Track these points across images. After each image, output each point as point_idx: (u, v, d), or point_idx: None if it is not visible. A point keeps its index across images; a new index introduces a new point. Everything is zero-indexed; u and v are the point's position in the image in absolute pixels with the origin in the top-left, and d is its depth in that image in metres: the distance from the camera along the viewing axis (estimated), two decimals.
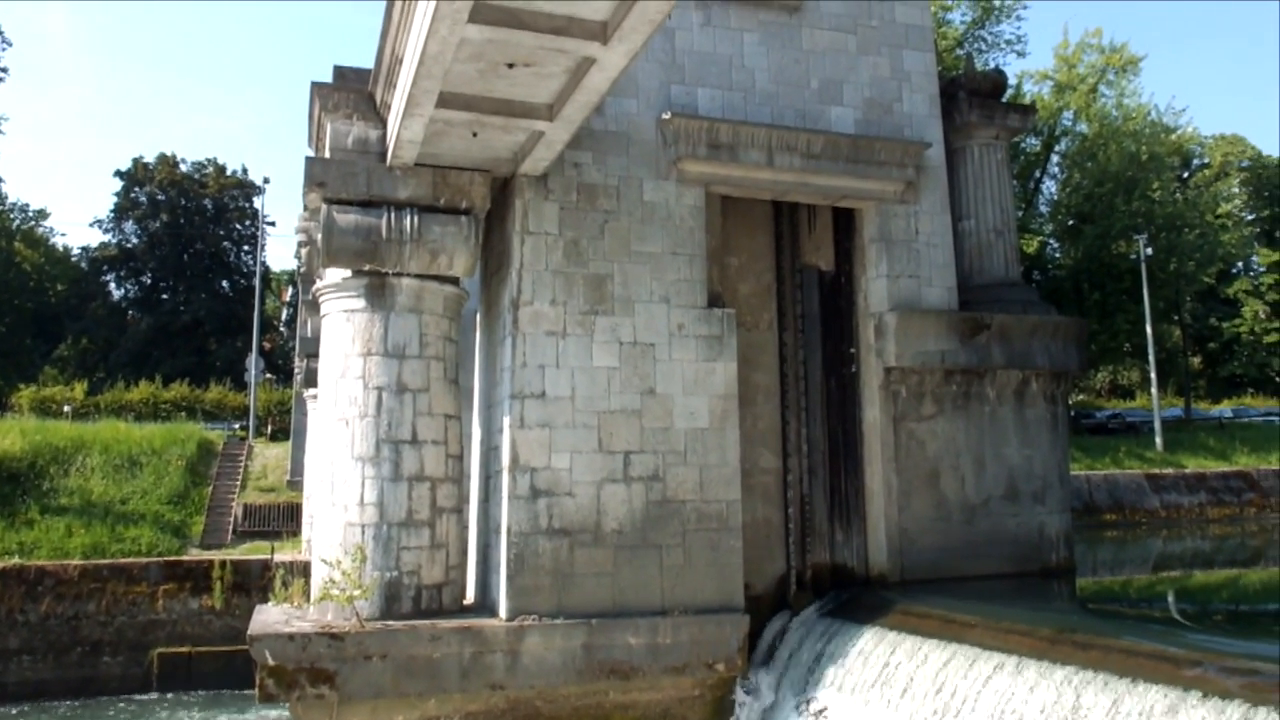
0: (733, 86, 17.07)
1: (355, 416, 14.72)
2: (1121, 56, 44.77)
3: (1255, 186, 65.96)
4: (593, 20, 10.80)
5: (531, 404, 14.84)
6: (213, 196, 68.76)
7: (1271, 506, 37.50)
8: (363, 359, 14.85)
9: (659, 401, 15.49)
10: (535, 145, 14.18)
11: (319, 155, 16.19)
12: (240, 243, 69.90)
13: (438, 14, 10.09)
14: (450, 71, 11.73)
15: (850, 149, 17.28)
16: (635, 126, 16.21)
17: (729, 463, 15.76)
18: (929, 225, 18.04)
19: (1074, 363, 18.92)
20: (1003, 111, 20.12)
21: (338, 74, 16.50)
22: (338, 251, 14.61)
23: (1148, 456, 40.69)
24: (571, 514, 14.75)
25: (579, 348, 15.22)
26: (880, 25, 18.38)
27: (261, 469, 35.89)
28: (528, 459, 14.68)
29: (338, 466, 14.76)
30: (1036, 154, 46.36)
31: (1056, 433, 18.71)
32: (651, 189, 16.09)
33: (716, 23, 17.19)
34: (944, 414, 17.66)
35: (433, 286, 15.23)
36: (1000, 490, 17.85)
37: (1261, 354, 63.28)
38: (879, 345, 17.43)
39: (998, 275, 19.51)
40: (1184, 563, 26.87)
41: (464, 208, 15.22)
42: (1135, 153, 43.05)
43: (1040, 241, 47.15)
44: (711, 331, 15.97)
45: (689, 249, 16.11)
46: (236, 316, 65.50)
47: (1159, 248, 43.43)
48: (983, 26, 43.59)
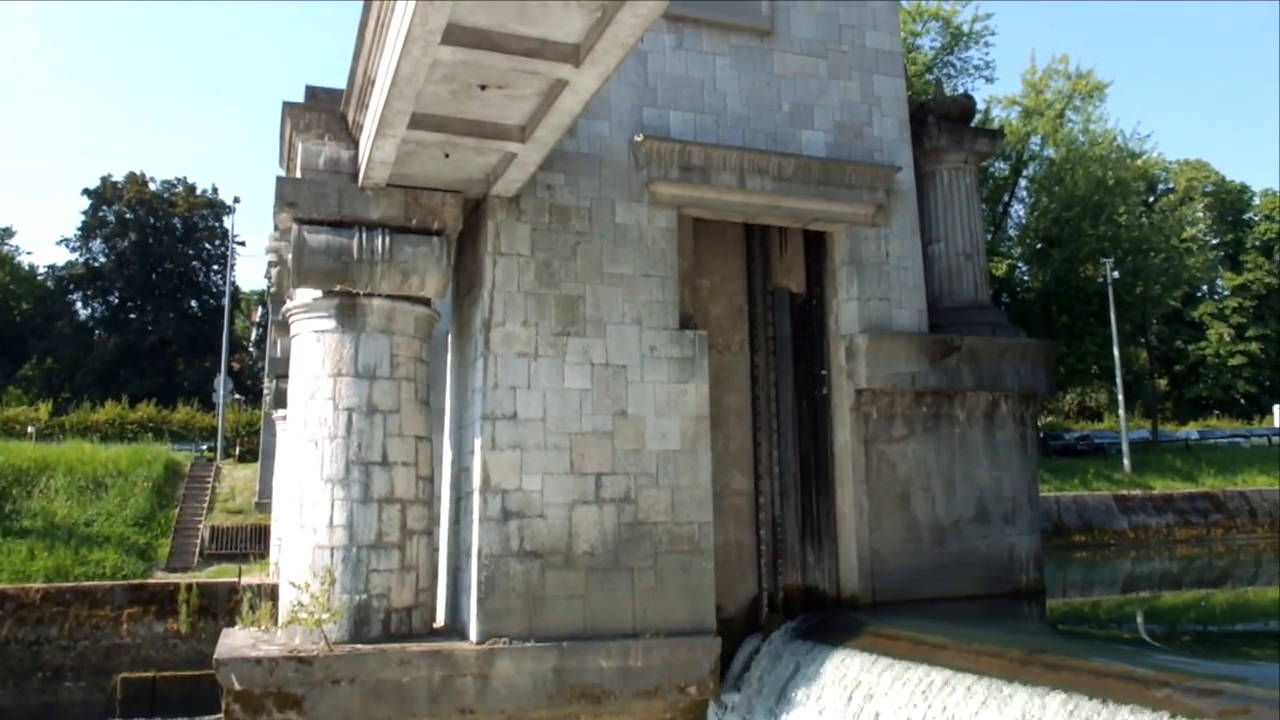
0: (705, 109, 17.18)
1: (325, 438, 14.60)
2: (1087, 83, 45.43)
3: (1219, 211, 67.18)
4: (565, 43, 10.84)
5: (503, 425, 14.78)
6: (182, 216, 68.25)
7: (1237, 528, 37.86)
8: (333, 380, 14.75)
9: (631, 423, 15.47)
10: (508, 167, 14.19)
11: (290, 175, 16.13)
12: (210, 262, 69.37)
13: (411, 35, 10.09)
14: (423, 92, 11.73)
15: (821, 172, 17.42)
16: (608, 148, 16.26)
17: (701, 484, 15.76)
18: (899, 248, 18.18)
19: (1043, 385, 19.07)
20: (971, 136, 20.33)
21: (310, 94, 16.46)
22: (308, 272, 14.53)
23: (1116, 478, 41.02)
24: (543, 536, 14.68)
25: (551, 369, 15.20)
26: (851, 50, 18.57)
27: (229, 490, 35.49)
28: (499, 480, 14.61)
29: (307, 488, 14.63)
30: (1005, 178, 46.89)
31: (1026, 454, 18.84)
32: (624, 211, 16.13)
33: (689, 46, 17.31)
34: (914, 436, 17.75)
35: (404, 307, 15.17)
36: (970, 512, 17.94)
37: (1226, 376, 64.21)
38: (850, 367, 17.51)
39: (967, 298, 19.66)
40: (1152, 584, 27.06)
41: (436, 228, 15.19)
42: (1102, 177, 43.64)
43: (1009, 264, 47.64)
44: (683, 353, 15.99)
45: (661, 271, 16.15)
46: (205, 337, 64.92)
47: (1125, 271, 43.99)
48: (951, 52, 44.14)
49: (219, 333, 50.68)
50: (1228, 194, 67.87)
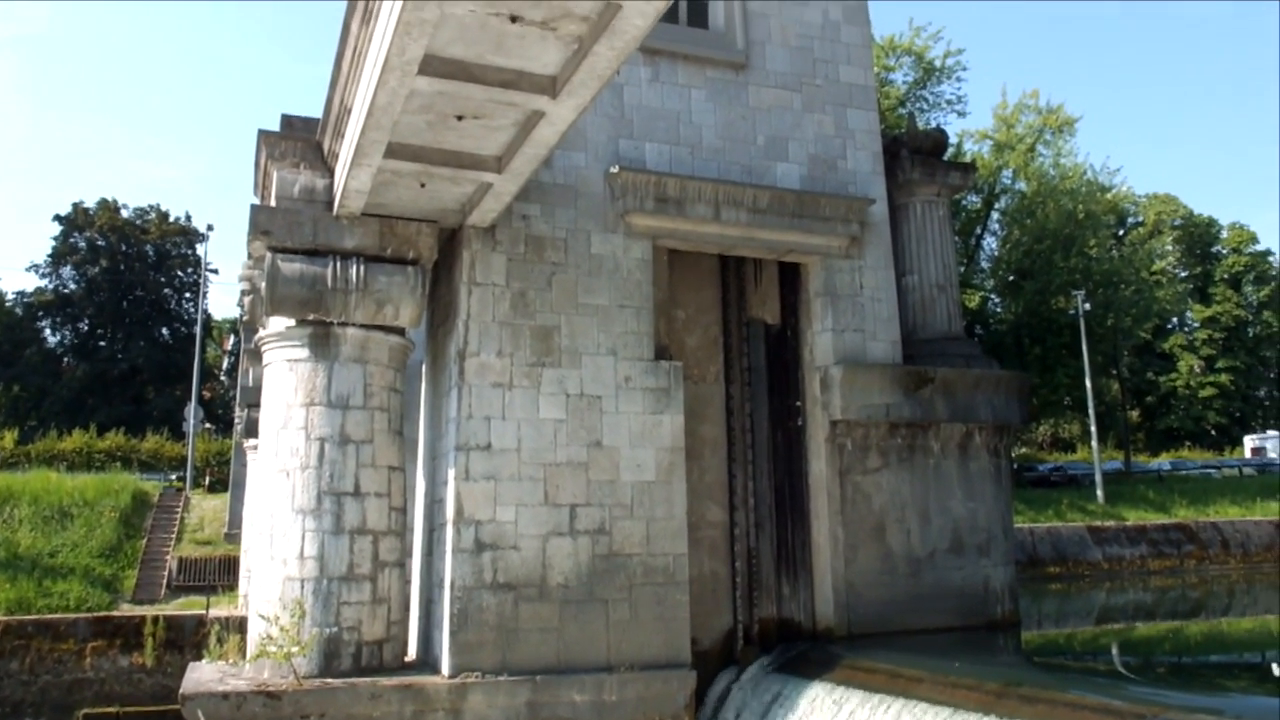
0: (680, 141, 17.26)
1: (296, 468, 14.44)
2: (1058, 117, 46.05)
3: (1187, 244, 68.09)
4: (542, 75, 10.86)
5: (477, 456, 14.67)
6: (154, 243, 67.77)
7: (1210, 558, 38.11)
8: (305, 409, 14.61)
9: (606, 454, 15.40)
10: (483, 197, 14.17)
11: (265, 204, 16.04)
12: (182, 290, 68.87)
13: (388, 65, 10.08)
14: (399, 122, 11.72)
15: (796, 204, 17.51)
16: (583, 180, 16.29)
17: (676, 516, 15.68)
18: (873, 280, 18.27)
19: (1016, 416, 19.16)
20: (944, 169, 20.51)
21: (285, 123, 16.41)
22: (282, 300, 14.43)
23: (1089, 509, 41.23)
24: (517, 568, 14.55)
25: (525, 399, 15.13)
26: (825, 84, 18.74)
27: (198, 521, 35.05)
28: (472, 512, 14.49)
29: (277, 519, 14.44)
30: (977, 211, 47.35)
31: (1000, 485, 18.89)
32: (599, 242, 16.14)
33: (664, 79, 17.41)
34: (889, 467, 17.76)
35: (378, 337, 15.07)
36: (945, 543, 17.94)
37: (1197, 408, 64.83)
38: (825, 398, 17.53)
39: (941, 330, 19.76)
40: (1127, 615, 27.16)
41: (411, 258, 15.14)
42: (1072, 211, 44.14)
43: (982, 297, 48.01)
44: (659, 384, 15.96)
45: (636, 301, 16.14)
46: (176, 365, 64.27)
47: (1097, 303, 44.43)
48: (924, 87, 44.70)
49: (190, 361, 50.19)
50: (1196, 227, 68.81)
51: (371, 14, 10.83)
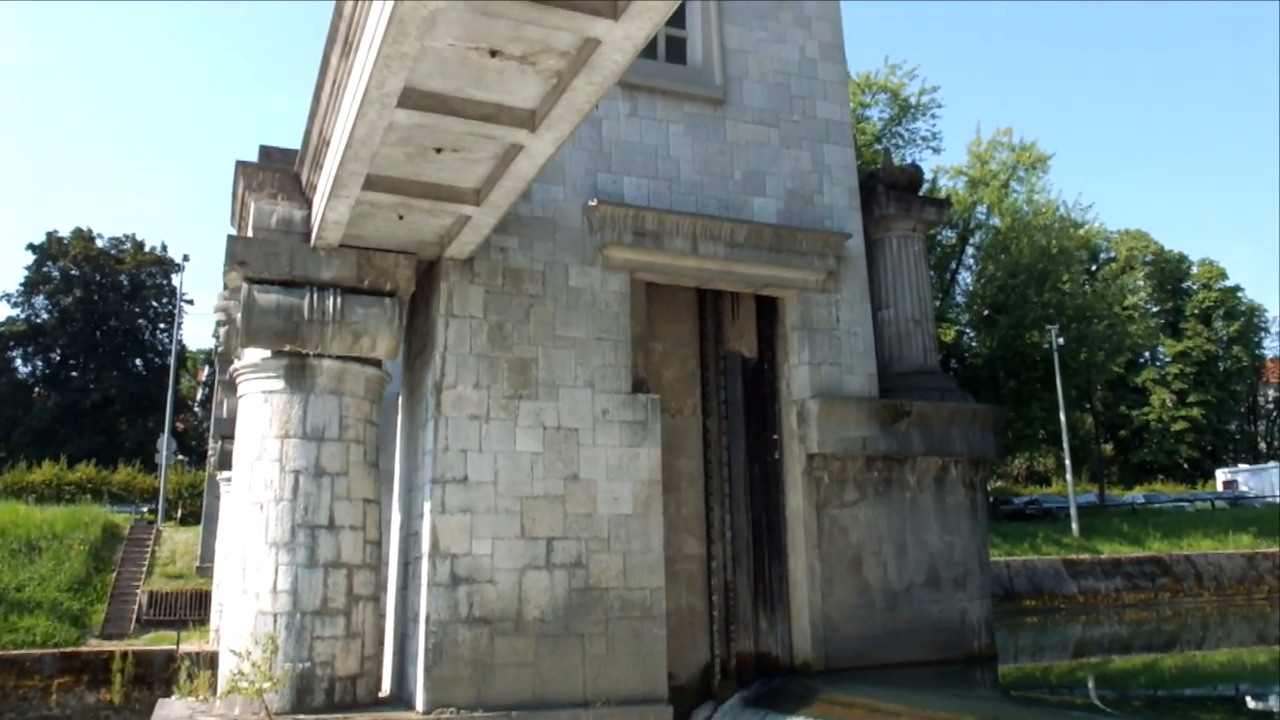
0: (658, 175, 17.37)
1: (270, 500, 14.31)
2: (1031, 154, 46.62)
3: (1159, 280, 68.92)
4: (521, 108, 10.93)
5: (453, 489, 14.60)
6: (129, 273, 67.28)
7: (1184, 591, 38.28)
8: (280, 441, 14.50)
9: (582, 487, 15.36)
10: (462, 229, 14.19)
11: (241, 234, 16.00)
12: (156, 320, 68.30)
13: (367, 98, 10.12)
14: (378, 154, 11.74)
15: (773, 238, 17.62)
16: (562, 213, 16.35)
17: (653, 549, 15.63)
18: (849, 314, 18.38)
19: (992, 450, 19.25)
20: (919, 205, 20.72)
21: (263, 153, 16.41)
22: (257, 331, 14.36)
23: (1065, 542, 41.37)
24: (492, 602, 14.44)
25: (502, 432, 15.08)
26: (801, 120, 18.93)
27: (170, 554, 34.57)
28: (448, 545, 14.39)
29: (250, 552, 14.29)
30: (952, 246, 47.78)
31: (976, 519, 18.94)
32: (577, 274, 16.18)
33: (643, 113, 17.54)
34: (866, 500, 17.79)
35: (354, 368, 15.01)
36: (922, 577, 17.95)
37: (1170, 441, 65.34)
38: (801, 432, 17.57)
39: (916, 363, 19.87)
40: (1103, 648, 27.21)
41: (388, 290, 15.11)
42: (1046, 246, 44.60)
43: (957, 331, 48.33)
44: (636, 417, 15.96)
45: (614, 334, 16.16)
46: (149, 396, 63.65)
47: (1070, 338, 44.82)
48: (900, 123, 45.19)
49: (164, 392, 49.74)
50: (1167, 263, 69.69)
51: (351, 47, 10.88)
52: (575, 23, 8.92)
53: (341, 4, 10.64)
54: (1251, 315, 69.96)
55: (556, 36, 9.39)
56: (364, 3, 9.95)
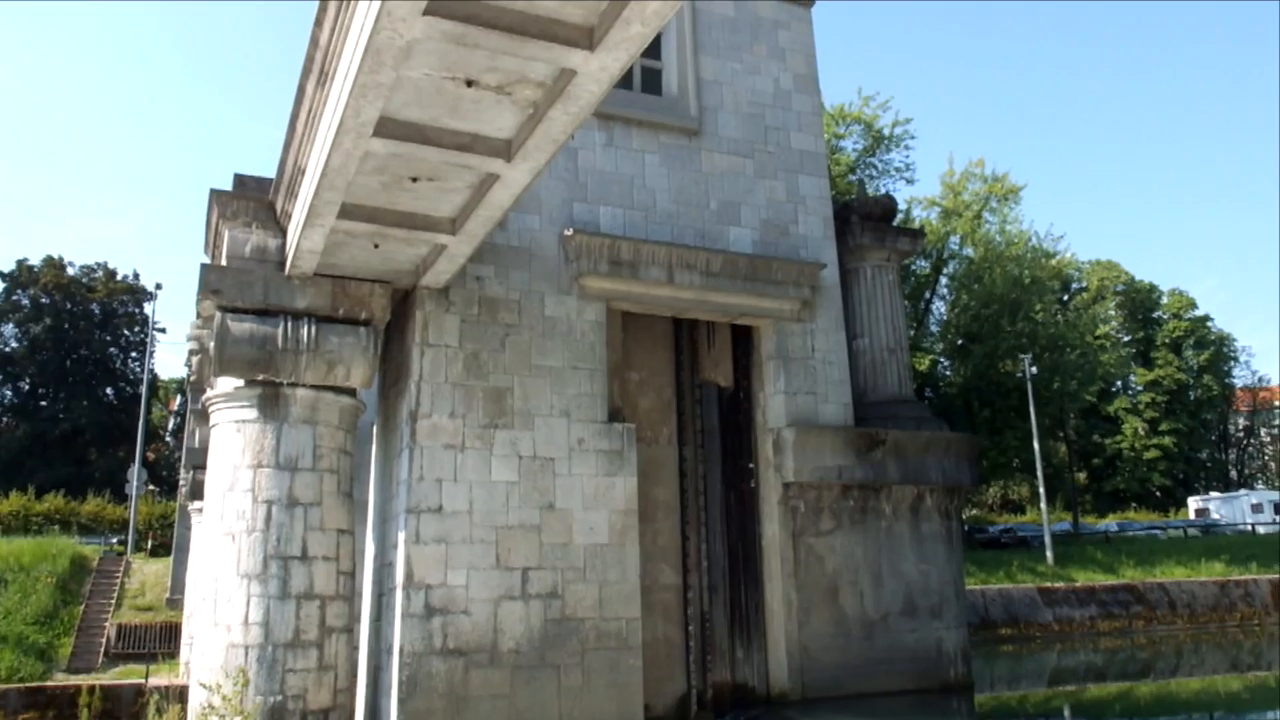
0: (634, 205, 17.44)
1: (243, 531, 14.16)
2: (1003, 185, 47.06)
3: (1130, 309, 69.58)
4: (497, 138, 10.96)
5: (428, 519, 14.50)
6: (101, 301, 66.72)
7: (1158, 619, 38.39)
8: (253, 471, 14.37)
9: (558, 516, 15.29)
10: (437, 258, 14.18)
11: (215, 263, 15.92)
12: (128, 349, 67.70)
13: (343, 127, 10.12)
14: (353, 183, 11.74)
15: (748, 268, 17.71)
16: (538, 242, 16.38)
17: (629, 579, 15.56)
18: (825, 343, 18.47)
19: (966, 478, 19.34)
20: (893, 235, 20.89)
21: (238, 182, 16.35)
22: (231, 360, 14.26)
23: (1039, 570, 41.45)
24: (467, 633, 14.32)
25: (478, 461, 15.02)
26: (776, 151, 19.09)
27: (139, 586, 34.07)
28: (423, 575, 14.28)
29: (222, 583, 14.11)
30: (926, 276, 48.10)
31: (951, 547, 18.99)
32: (553, 304, 16.19)
33: (619, 144, 17.64)
34: (842, 529, 17.81)
35: (328, 397, 14.92)
36: (898, 606, 17.95)
37: (1142, 469, 65.72)
38: (778, 461, 17.59)
39: (891, 392, 19.97)
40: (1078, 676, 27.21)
41: (363, 318, 15.06)
42: (1018, 276, 44.99)
43: (931, 360, 48.59)
44: (612, 446, 15.94)
45: (590, 363, 16.17)
46: (120, 426, 62.97)
47: (1043, 367, 45.13)
48: (874, 154, 45.56)
49: (134, 421, 49.25)
50: (1137, 293, 70.40)
51: (327, 76, 10.90)
52: (551, 54, 8.98)
53: (317, 33, 10.66)
54: (1221, 344, 70.72)
55: (533, 67, 9.44)
56: (340, 33, 9.98)
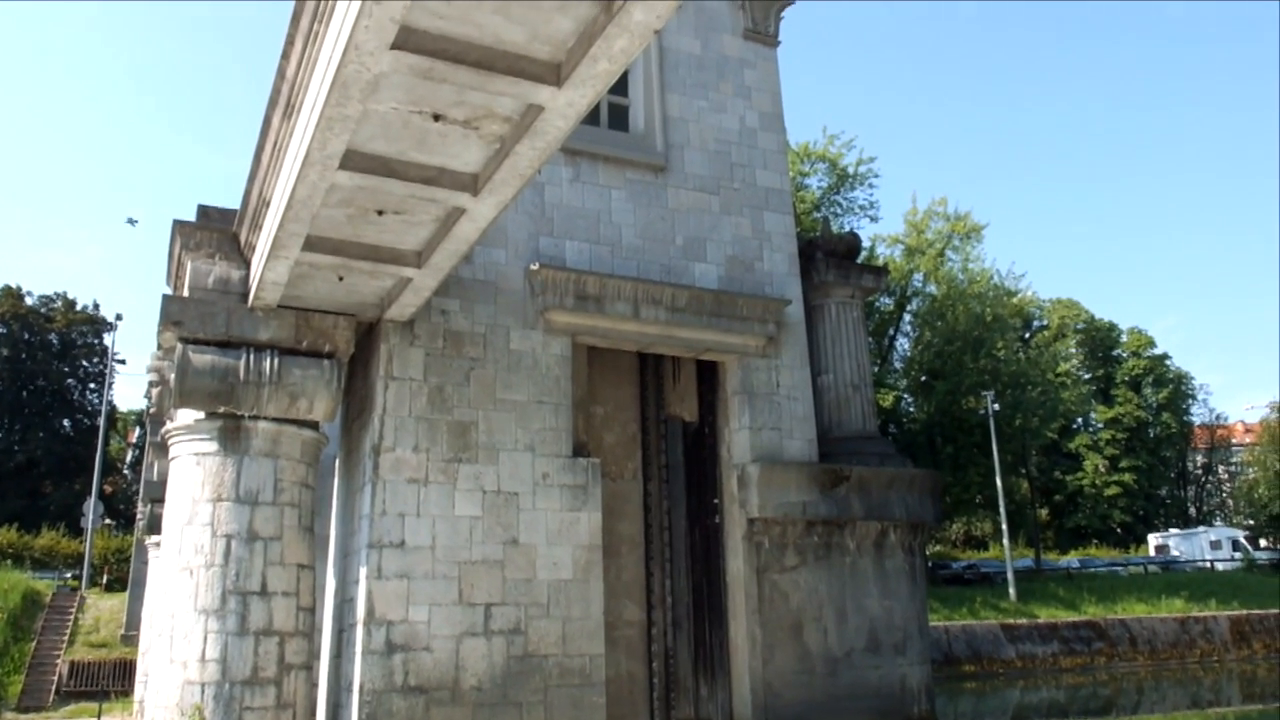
0: (600, 240, 17.51)
1: (201, 566, 13.95)
2: (965, 224, 47.65)
3: (1090, 347, 70.47)
4: (464, 172, 10.99)
5: (390, 554, 14.35)
6: (59, 331, 65.85)
7: (1119, 655, 38.60)
8: (212, 504, 14.18)
9: (522, 552, 15.19)
10: (403, 291, 14.15)
11: (177, 294, 15.79)
12: (86, 380, 66.75)
13: (308, 159, 10.11)
14: (318, 216, 11.71)
15: (714, 304, 17.80)
16: (504, 276, 16.39)
17: (592, 615, 15.46)
18: (789, 379, 18.55)
19: (930, 514, 19.42)
20: (858, 272, 21.07)
21: (201, 213, 16.25)
22: (191, 392, 14.11)
23: (1002, 607, 41.60)
24: (429, 670, 14.14)
25: (441, 496, 14.91)
26: (742, 188, 19.26)
27: (94, 622, 33.40)
28: (384, 611, 14.11)
29: (178, 619, 13.87)
30: (890, 312, 48.53)
31: (915, 583, 19.03)
32: (518, 338, 16.18)
33: (585, 179, 17.72)
34: (806, 565, 17.81)
35: (290, 430, 14.78)
36: (862, 642, 17.94)
37: (1103, 506, 66.34)
38: (742, 496, 17.60)
39: (856, 428, 20.06)
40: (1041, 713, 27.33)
41: (327, 351, 14.97)
42: (981, 314, 45.48)
43: (895, 396, 48.92)
44: (576, 481, 15.88)
45: (555, 398, 16.14)
46: (76, 458, 61.92)
47: (1005, 404, 45.53)
48: (838, 192, 46.04)
49: (92, 454, 48.45)
50: (1097, 331, 71.35)
51: (293, 109, 10.90)
52: (519, 89, 9.03)
53: (284, 66, 10.67)
54: (1179, 383, 71.71)
55: (500, 102, 9.50)
56: (307, 65, 9.99)
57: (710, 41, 19.89)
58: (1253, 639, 40.88)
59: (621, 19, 7.90)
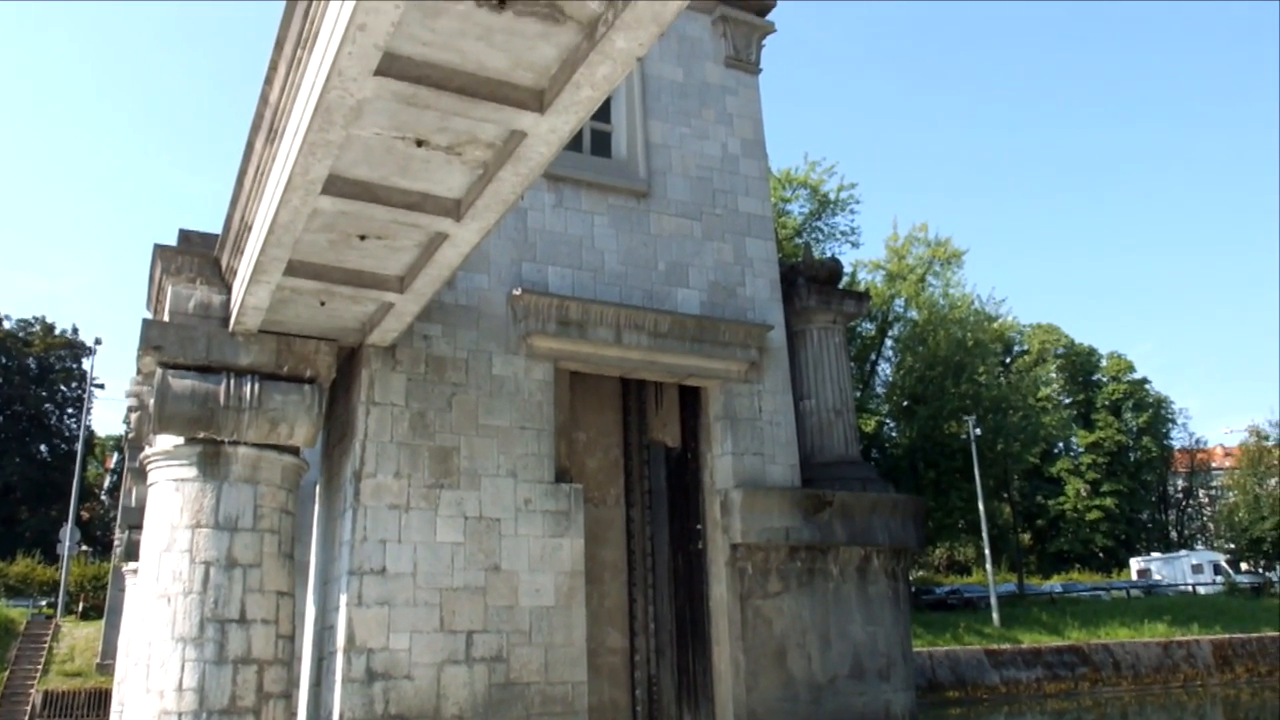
0: (583, 266, 17.52)
1: (179, 593, 13.78)
2: (946, 249, 47.94)
3: (1070, 372, 70.87)
4: (447, 198, 10.99)
5: (371, 580, 14.23)
6: (37, 356, 65.27)
7: (1103, 680, 38.61)
8: (191, 531, 14.04)
9: (504, 578, 15.09)
10: (385, 316, 14.10)
11: (158, 318, 15.70)
12: (64, 405, 66.14)
13: (291, 184, 10.09)
14: (300, 240, 11.67)
15: (696, 329, 17.81)
16: (486, 301, 16.37)
17: (575, 643, 15.35)
18: (772, 404, 18.56)
19: (913, 539, 19.41)
20: (839, 297, 21.14)
21: (183, 237, 16.20)
22: (171, 417, 13.99)
23: (986, 632, 41.59)
24: (410, 698, 14.00)
25: (422, 522, 14.82)
26: (724, 214, 19.33)
27: (69, 651, 32.99)
28: (364, 639, 13.98)
29: (155, 648, 13.69)
30: (872, 338, 48.68)
31: (899, 609, 18.99)
32: (501, 363, 16.14)
33: (568, 204, 17.76)
34: (790, 591, 17.75)
35: (271, 456, 14.67)
36: (846, 669, 17.86)
37: (1085, 530, 66.57)
38: (725, 522, 17.55)
39: (838, 453, 20.07)
40: None
41: (308, 376, 14.89)
42: (962, 339, 45.69)
43: (877, 421, 48.99)
44: (559, 506, 15.82)
45: (537, 423, 16.09)
46: (53, 484, 61.26)
47: (987, 428, 45.69)
48: (819, 218, 46.26)
49: (69, 480, 47.99)
50: (1077, 356, 71.77)
51: (276, 133, 10.88)
52: (502, 115, 9.05)
53: (268, 91, 10.66)
54: (1159, 407, 72.19)
55: (483, 128, 9.51)
56: (290, 91, 9.99)
57: (692, 69, 20.02)
58: (1236, 663, 41.00)
59: (604, 46, 7.93)
